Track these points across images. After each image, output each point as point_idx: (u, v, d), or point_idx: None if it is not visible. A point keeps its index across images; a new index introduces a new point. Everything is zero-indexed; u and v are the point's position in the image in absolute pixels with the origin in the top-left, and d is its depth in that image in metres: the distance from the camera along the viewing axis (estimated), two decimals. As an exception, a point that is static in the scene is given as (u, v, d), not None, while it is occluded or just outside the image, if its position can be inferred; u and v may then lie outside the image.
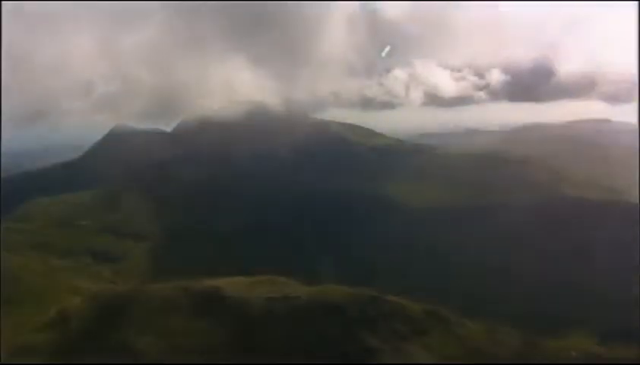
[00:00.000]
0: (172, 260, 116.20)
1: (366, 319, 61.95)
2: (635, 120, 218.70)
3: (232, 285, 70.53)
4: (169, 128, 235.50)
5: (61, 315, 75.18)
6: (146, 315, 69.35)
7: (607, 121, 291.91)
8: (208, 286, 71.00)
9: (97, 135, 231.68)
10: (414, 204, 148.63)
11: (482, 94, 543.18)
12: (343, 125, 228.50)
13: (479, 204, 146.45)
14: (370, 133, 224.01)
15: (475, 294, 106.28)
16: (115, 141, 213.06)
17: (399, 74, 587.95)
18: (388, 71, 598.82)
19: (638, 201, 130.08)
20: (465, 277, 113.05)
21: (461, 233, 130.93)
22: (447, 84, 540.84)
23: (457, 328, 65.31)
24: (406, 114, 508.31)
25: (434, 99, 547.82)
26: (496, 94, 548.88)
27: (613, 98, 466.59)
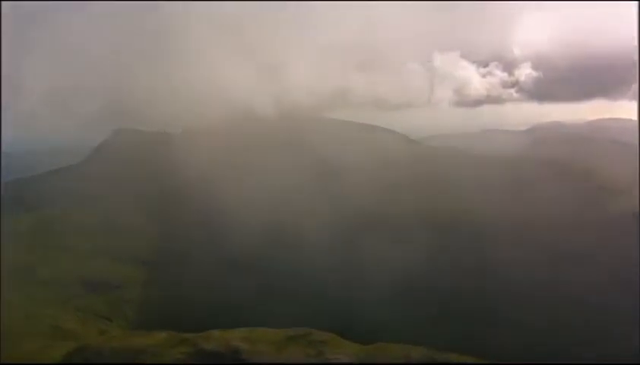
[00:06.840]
0: (177, 292, 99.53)
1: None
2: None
3: (253, 342, 54.40)
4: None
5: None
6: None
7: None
8: (223, 343, 54.84)
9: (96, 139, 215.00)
10: (444, 221, 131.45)
11: (512, 92, 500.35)
12: (352, 124, 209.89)
13: (519, 220, 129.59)
14: (383, 134, 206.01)
15: (534, 337, 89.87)
16: (115, 146, 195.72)
17: (416, 68, 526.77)
18: (404, 64, 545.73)
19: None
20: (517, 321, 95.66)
21: (507, 254, 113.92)
22: (472, 80, 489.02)
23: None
24: (425, 114, 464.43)
25: (460, 98, 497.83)
26: (527, 92, 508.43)
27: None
